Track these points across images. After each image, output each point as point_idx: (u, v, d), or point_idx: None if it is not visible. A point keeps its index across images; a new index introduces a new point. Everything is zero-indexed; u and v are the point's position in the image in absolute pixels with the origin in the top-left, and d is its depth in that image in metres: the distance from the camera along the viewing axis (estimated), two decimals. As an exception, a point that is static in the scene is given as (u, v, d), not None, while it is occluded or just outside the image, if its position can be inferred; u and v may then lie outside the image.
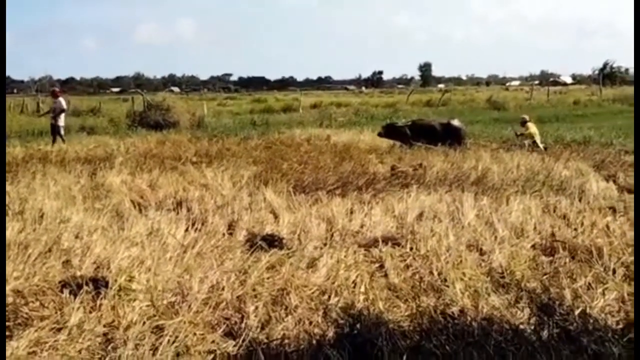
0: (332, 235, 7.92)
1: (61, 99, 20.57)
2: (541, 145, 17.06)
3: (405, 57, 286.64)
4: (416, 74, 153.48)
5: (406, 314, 5.30)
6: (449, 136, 16.91)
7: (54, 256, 6.81)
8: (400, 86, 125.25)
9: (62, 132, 20.07)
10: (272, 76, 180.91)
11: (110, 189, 10.74)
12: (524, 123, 18.43)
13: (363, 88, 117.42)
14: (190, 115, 28.66)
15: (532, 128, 18.00)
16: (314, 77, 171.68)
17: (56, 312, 5.14)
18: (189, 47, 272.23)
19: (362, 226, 8.39)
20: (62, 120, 19.99)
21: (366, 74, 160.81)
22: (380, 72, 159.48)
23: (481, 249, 7.15)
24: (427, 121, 19.17)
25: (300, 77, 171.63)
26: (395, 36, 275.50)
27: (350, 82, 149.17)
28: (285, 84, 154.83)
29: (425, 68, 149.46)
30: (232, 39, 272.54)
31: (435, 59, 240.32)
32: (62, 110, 20.06)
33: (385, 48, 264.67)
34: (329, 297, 5.71)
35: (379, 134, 18.31)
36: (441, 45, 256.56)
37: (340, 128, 25.15)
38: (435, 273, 6.34)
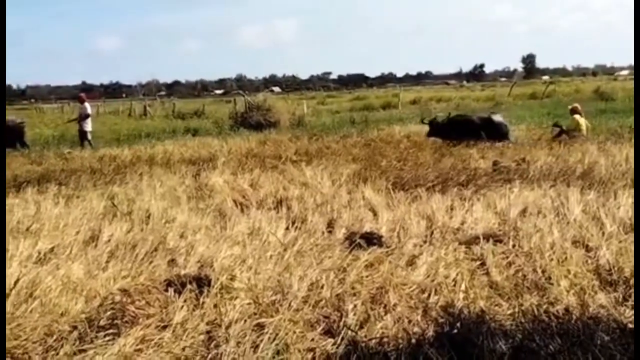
0: (431, 233, 7.83)
1: (86, 105, 21.40)
2: (583, 134, 16.91)
3: (508, 49, 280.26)
4: (519, 66, 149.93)
5: (508, 312, 5.17)
6: (490, 131, 16.64)
7: (160, 255, 7.04)
8: (502, 79, 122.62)
9: (89, 137, 20.91)
10: (372, 73, 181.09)
11: (213, 189, 10.97)
12: (573, 112, 18.04)
13: (464, 82, 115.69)
14: (290, 115, 28.92)
15: (580, 120, 17.59)
16: (414, 73, 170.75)
17: (161, 311, 5.28)
18: (289, 47, 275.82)
19: (462, 223, 8.25)
20: (88, 126, 20.87)
21: (467, 67, 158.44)
22: (482, 66, 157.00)
23: (587, 245, 6.89)
24: (467, 116, 18.86)
25: (400, 73, 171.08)
26: (497, 28, 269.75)
27: (451, 76, 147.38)
28: (385, 80, 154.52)
29: (528, 60, 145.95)
30: (332, 37, 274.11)
31: (539, 50, 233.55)
32: (87, 116, 20.82)
33: (487, 40, 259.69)
34: (429, 295, 5.64)
35: (429, 135, 17.88)
36: (545, 35, 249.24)
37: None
38: (539, 270, 6.16)
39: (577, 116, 17.70)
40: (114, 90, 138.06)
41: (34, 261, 6.86)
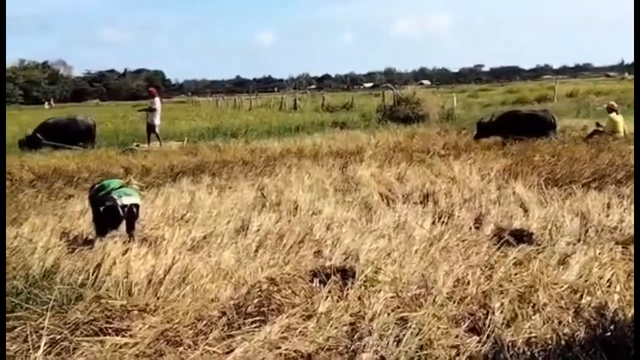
0: (586, 231, 7.51)
1: (156, 99, 21.84)
2: (621, 135, 15.76)
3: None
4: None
5: (668, 318, 4.85)
6: (536, 127, 16.18)
7: (306, 246, 7.18)
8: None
9: (157, 130, 21.41)
10: (526, 65, 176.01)
11: (360, 182, 11.03)
12: (609, 111, 16.80)
13: (626, 74, 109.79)
14: (439, 108, 28.59)
15: (616, 118, 16.40)
16: (571, 65, 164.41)
17: (306, 300, 5.34)
18: (441, 39, 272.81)
19: (620, 222, 7.86)
20: (156, 119, 21.34)
21: (630, 59, 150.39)
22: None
23: None
24: (513, 113, 18.34)
25: (556, 65, 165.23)
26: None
27: (612, 68, 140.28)
28: (540, 72, 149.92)
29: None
30: (484, 29, 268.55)
31: None
32: (153, 110, 21.31)
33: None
34: (581, 296, 5.38)
35: (475, 137, 17.27)
36: None
37: (599, 117, 23.71)
38: None
39: (613, 115, 16.62)
40: (266, 84, 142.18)
41: (188, 248, 7.17)
